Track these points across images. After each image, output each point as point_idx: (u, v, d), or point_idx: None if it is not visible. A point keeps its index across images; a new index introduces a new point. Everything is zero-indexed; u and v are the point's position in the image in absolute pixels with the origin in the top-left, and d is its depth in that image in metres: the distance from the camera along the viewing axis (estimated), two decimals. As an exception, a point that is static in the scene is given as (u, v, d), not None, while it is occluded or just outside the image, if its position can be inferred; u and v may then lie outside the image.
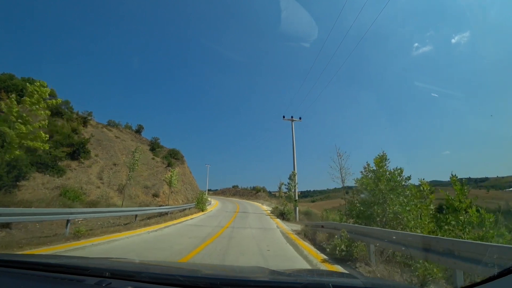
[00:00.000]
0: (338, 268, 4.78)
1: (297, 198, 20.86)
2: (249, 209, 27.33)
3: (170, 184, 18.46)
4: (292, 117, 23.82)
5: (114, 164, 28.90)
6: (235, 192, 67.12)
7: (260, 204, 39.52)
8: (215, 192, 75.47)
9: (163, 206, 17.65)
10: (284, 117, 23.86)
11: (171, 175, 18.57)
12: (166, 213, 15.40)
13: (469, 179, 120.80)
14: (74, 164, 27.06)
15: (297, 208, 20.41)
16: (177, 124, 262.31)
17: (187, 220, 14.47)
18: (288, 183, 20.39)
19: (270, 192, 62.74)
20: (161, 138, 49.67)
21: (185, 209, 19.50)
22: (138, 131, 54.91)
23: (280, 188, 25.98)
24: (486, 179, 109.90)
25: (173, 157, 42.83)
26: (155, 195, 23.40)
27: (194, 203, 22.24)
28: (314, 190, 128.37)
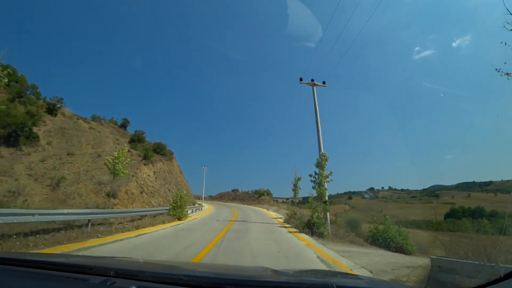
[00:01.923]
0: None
1: (327, 198, 13.06)
2: (251, 217, 19.35)
3: (113, 171, 10.58)
4: (312, 80, 16.25)
5: (68, 154, 21.33)
6: (234, 196, 58.84)
7: (265, 210, 31.43)
8: (213, 197, 67.09)
9: (80, 210, 9.66)
10: (301, 79, 16.25)
11: (115, 157, 10.49)
12: (86, 224, 7.63)
13: (474, 183, 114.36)
14: (7, 151, 19.59)
15: (328, 214, 12.64)
16: (179, 126, 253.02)
17: (122, 239, 6.76)
18: (317, 174, 12.48)
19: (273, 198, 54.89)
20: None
21: (146, 215, 11.75)
22: (123, 125, 47.87)
23: (295, 185, 17.79)
24: (491, 182, 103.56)
25: (158, 152, 35.06)
26: (111, 195, 15.77)
27: (167, 207, 14.50)
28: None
